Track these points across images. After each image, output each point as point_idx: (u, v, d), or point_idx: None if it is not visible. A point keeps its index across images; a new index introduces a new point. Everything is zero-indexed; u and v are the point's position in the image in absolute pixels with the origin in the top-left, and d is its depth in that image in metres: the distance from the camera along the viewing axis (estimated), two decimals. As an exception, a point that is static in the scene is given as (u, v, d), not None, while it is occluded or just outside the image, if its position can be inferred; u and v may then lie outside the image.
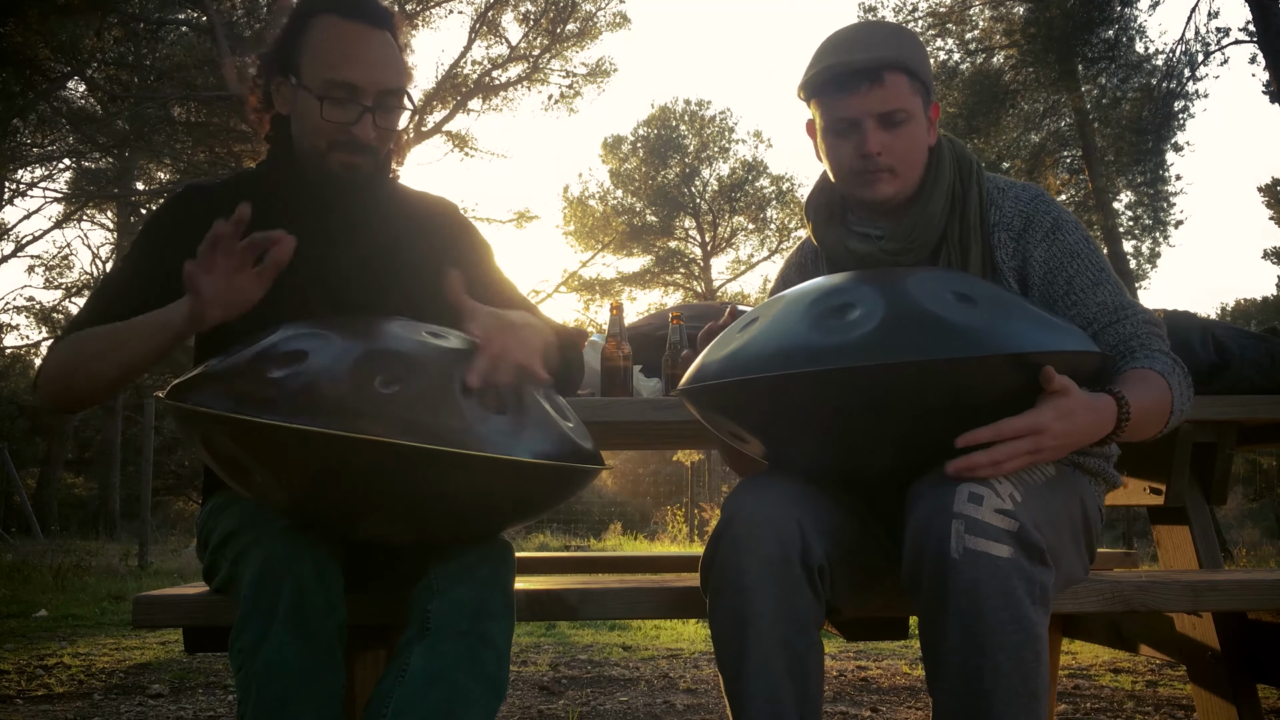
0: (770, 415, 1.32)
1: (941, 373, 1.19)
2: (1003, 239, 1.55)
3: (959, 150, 1.61)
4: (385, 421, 1.12)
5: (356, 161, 1.51)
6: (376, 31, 1.51)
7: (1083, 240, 1.54)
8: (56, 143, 18.77)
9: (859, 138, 1.50)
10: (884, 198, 1.53)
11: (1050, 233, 1.53)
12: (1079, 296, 1.50)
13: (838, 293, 1.32)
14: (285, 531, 1.27)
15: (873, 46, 1.48)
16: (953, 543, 1.20)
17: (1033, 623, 1.20)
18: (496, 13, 17.81)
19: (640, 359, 2.34)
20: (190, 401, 1.17)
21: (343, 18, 1.49)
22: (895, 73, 1.48)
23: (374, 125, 1.50)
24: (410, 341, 1.25)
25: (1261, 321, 28.69)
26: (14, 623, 4.91)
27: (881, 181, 1.52)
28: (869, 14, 18.58)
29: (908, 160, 1.52)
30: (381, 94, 1.50)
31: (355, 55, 1.48)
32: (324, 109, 1.48)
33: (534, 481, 1.23)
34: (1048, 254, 1.53)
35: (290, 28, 1.53)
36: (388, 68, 1.50)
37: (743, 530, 1.33)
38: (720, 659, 1.34)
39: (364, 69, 1.48)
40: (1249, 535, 18.83)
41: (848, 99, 1.49)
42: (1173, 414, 1.42)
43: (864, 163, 1.51)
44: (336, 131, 1.49)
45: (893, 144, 1.50)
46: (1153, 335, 1.47)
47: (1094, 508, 1.54)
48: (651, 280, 27.95)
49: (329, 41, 1.49)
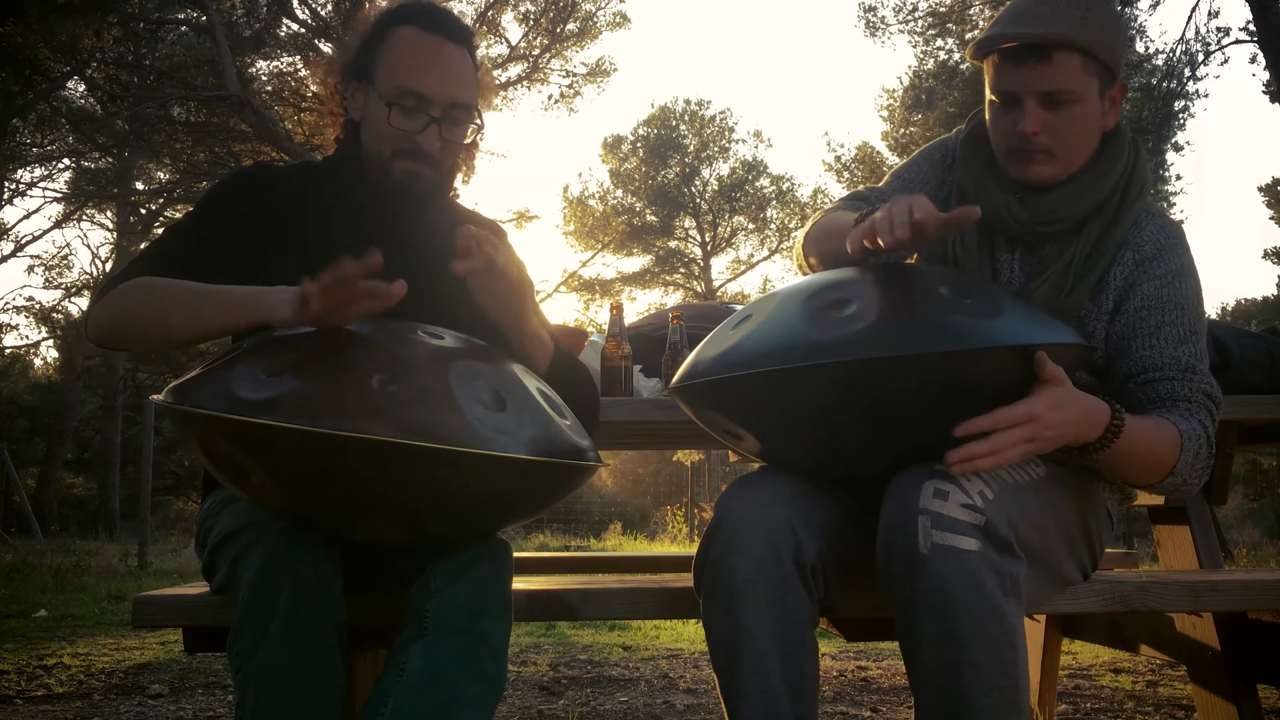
0: (765, 411, 1.32)
1: (936, 366, 1.19)
2: (1127, 257, 1.51)
3: (1142, 161, 1.55)
4: (383, 420, 1.12)
5: (418, 170, 1.54)
6: (453, 46, 1.54)
7: (1194, 298, 1.51)
8: (56, 142, 18.76)
9: (1019, 114, 1.45)
10: (1037, 179, 1.49)
11: (1170, 275, 1.49)
12: (1160, 345, 1.47)
13: (832, 288, 1.32)
14: (284, 532, 1.27)
15: (1049, 20, 1.41)
16: (920, 539, 1.21)
17: (1005, 614, 1.20)
18: (496, 12, 17.80)
19: (640, 359, 2.34)
20: (187, 403, 1.17)
21: (422, 30, 1.53)
22: (1067, 52, 1.41)
23: (439, 136, 1.52)
24: (407, 341, 1.25)
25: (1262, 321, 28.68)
26: (14, 623, 4.91)
27: (1037, 163, 1.48)
28: (869, 13, 18.59)
29: (1069, 143, 1.47)
30: (450, 107, 1.53)
31: (428, 66, 1.51)
32: (392, 115, 1.50)
33: (532, 479, 1.23)
34: (1156, 292, 1.49)
35: (370, 35, 1.56)
36: (459, 82, 1.53)
37: (734, 530, 1.33)
38: (715, 660, 1.34)
39: (435, 80, 1.51)
40: (1249, 535, 18.83)
41: (1013, 72, 1.44)
42: (1173, 473, 1.40)
43: (1020, 141, 1.46)
44: (402, 139, 1.51)
45: (1054, 124, 1.45)
46: (1203, 407, 1.45)
47: (1098, 513, 1.52)
48: (651, 280, 27.96)
49: (405, 51, 1.52)
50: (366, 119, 1.56)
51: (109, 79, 14.91)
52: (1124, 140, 1.55)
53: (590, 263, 27.39)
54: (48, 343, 24.94)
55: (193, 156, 15.86)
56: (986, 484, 1.26)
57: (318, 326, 1.32)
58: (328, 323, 1.29)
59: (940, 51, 18.25)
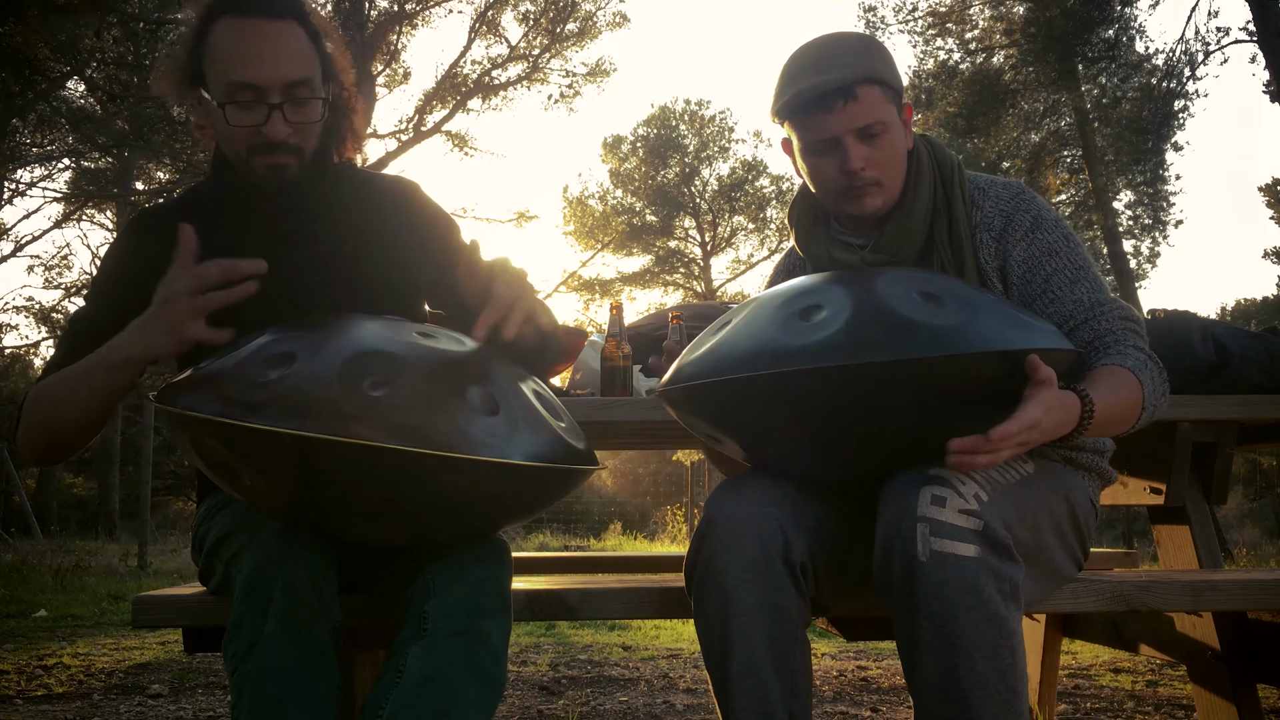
0: (741, 417, 1.32)
1: (905, 372, 1.19)
2: (985, 239, 1.54)
3: (938, 152, 1.59)
4: (374, 424, 1.11)
5: (280, 161, 1.45)
6: (276, 23, 1.43)
7: (1062, 238, 1.52)
8: (56, 142, 18.77)
9: (841, 155, 1.48)
10: (873, 211, 1.52)
11: (1029, 231, 1.52)
12: (1056, 294, 1.49)
13: (806, 294, 1.32)
14: (278, 533, 1.27)
15: (840, 63, 1.46)
16: (919, 546, 1.21)
17: (1005, 619, 1.20)
18: (496, 12, 17.81)
19: (640, 359, 2.34)
20: (179, 405, 1.17)
21: (238, 16, 1.43)
22: (867, 85, 1.46)
23: (285, 121, 1.43)
24: (399, 343, 1.24)
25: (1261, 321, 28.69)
26: (13, 623, 4.91)
27: (869, 195, 1.51)
28: (869, 13, 18.59)
29: (891, 170, 1.51)
30: (288, 87, 1.43)
31: (252, 53, 1.41)
32: (229, 114, 1.42)
33: (526, 483, 1.22)
34: (1026, 253, 1.52)
35: (193, 38, 1.46)
36: (289, 59, 1.43)
37: (723, 531, 1.34)
38: (708, 660, 1.35)
39: (262, 65, 1.41)
40: (1249, 535, 18.82)
41: (824, 118, 1.47)
42: (1144, 410, 1.41)
43: (849, 179, 1.49)
44: (249, 135, 1.43)
45: (875, 156, 1.48)
46: (1128, 331, 1.46)
47: (1085, 503, 1.53)
48: (651, 280, 27.95)
49: (226, 45, 1.43)
50: (214, 125, 1.48)
51: (109, 79, 14.91)
52: (917, 144, 1.57)
53: (590, 263, 27.42)
54: (47, 343, 24.92)
55: (192, 156, 15.84)
56: (981, 486, 1.27)
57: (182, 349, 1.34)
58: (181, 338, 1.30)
59: (940, 51, 18.25)
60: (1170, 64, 15.94)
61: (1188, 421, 2.04)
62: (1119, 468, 1.66)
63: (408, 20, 16.58)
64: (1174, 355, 1.91)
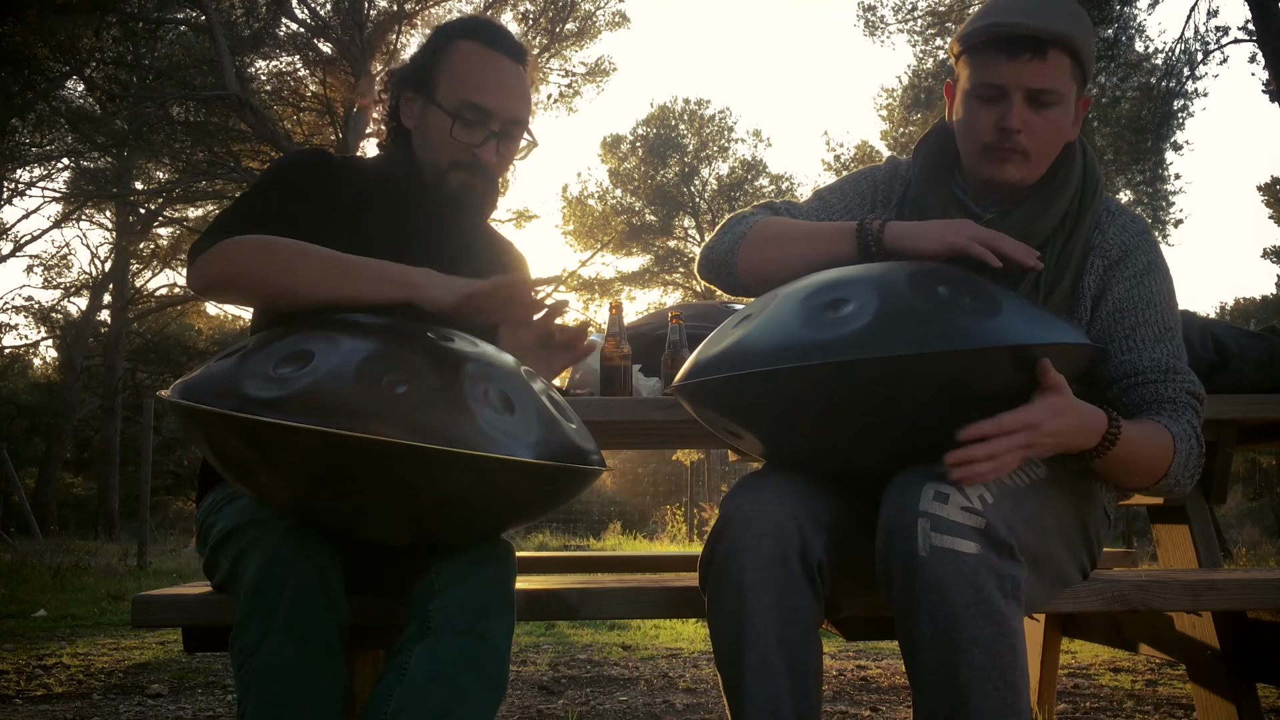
0: (764, 411, 1.32)
1: (934, 366, 1.19)
2: (1095, 264, 1.51)
3: (1091, 166, 1.54)
4: (392, 422, 1.11)
5: (474, 183, 1.57)
6: (512, 64, 1.58)
7: (1166, 293, 1.51)
8: (55, 142, 18.77)
9: (1004, 109, 1.41)
10: (1009, 181, 1.47)
11: (1140, 274, 1.50)
12: (1138, 346, 1.47)
13: (830, 288, 1.32)
14: (287, 531, 1.27)
15: (1045, 16, 1.39)
16: (920, 541, 1.21)
17: (1005, 616, 1.20)
18: (495, 12, 17.80)
19: (639, 358, 2.34)
20: (194, 400, 1.17)
21: (484, 45, 1.57)
22: (1060, 51, 1.40)
23: (496, 151, 1.57)
24: (417, 342, 1.25)
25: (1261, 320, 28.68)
26: (13, 622, 4.91)
27: (1012, 163, 1.45)
28: (868, 12, 18.59)
29: (1045, 146, 1.45)
30: (509, 123, 1.57)
31: (492, 82, 1.55)
32: (455, 128, 1.54)
33: (539, 482, 1.23)
34: (1128, 293, 1.49)
35: (430, 47, 1.59)
36: (518, 99, 1.57)
37: (740, 529, 1.33)
38: (719, 658, 1.34)
39: (498, 96, 1.55)
40: (1248, 534, 18.84)
41: (1003, 64, 1.40)
42: (1166, 476, 1.41)
43: (1000, 137, 1.43)
44: (461, 151, 1.55)
45: (1036, 124, 1.43)
46: (1189, 407, 1.46)
47: (1096, 513, 1.52)
48: (651, 280, 27.94)
49: (469, 66, 1.56)
50: (424, 129, 1.58)
51: (108, 78, 14.91)
52: (1075, 144, 1.54)
53: (589, 262, 27.39)
54: (47, 343, 24.94)
55: (192, 156, 15.86)
56: (987, 487, 1.26)
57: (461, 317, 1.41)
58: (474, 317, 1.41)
59: (939, 51, 18.24)
60: (1170, 63, 15.95)
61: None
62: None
63: (407, 20, 16.57)
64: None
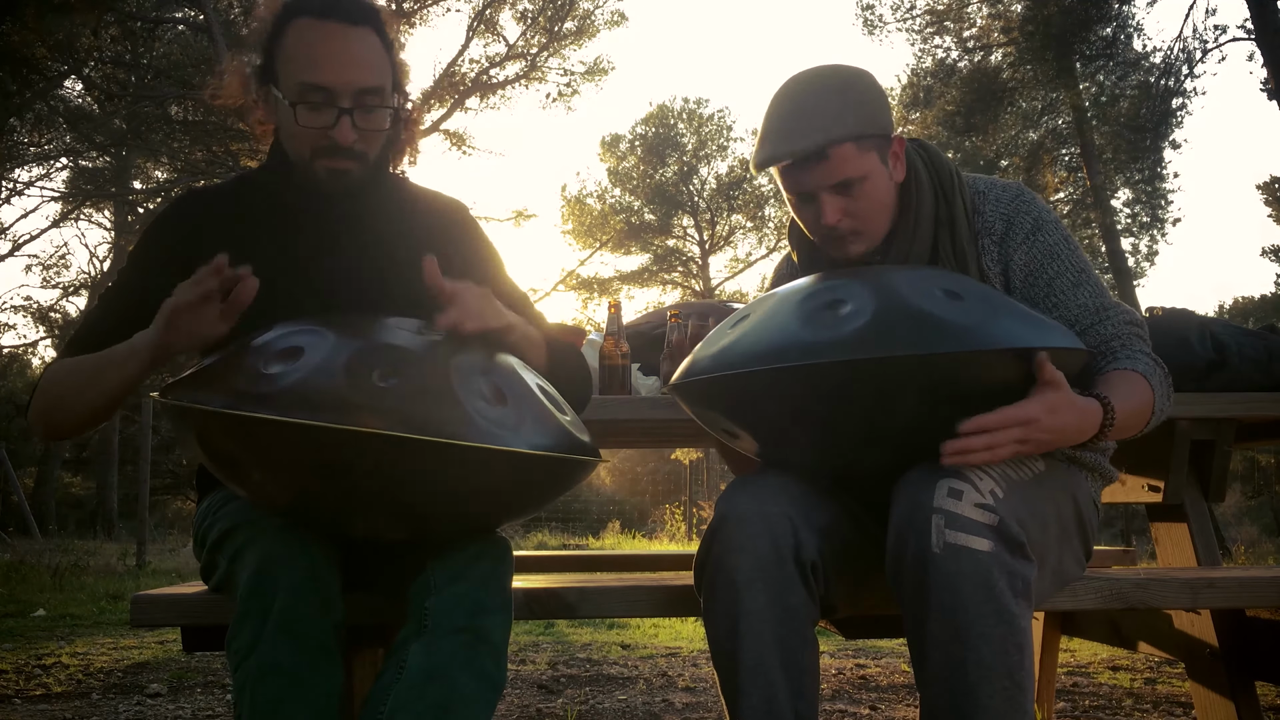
0: (762, 411, 1.32)
1: (932, 368, 1.19)
2: (986, 245, 1.54)
3: (935, 161, 1.57)
4: (383, 414, 1.11)
5: (343, 167, 1.47)
6: (353, 29, 1.44)
7: (1062, 240, 1.53)
8: (53, 141, 18.75)
9: (816, 208, 1.49)
10: (857, 256, 1.53)
11: (1030, 234, 1.52)
12: (1060, 298, 1.50)
13: (828, 289, 1.32)
14: (282, 530, 1.27)
15: (813, 125, 1.44)
16: (933, 538, 1.21)
17: (1015, 615, 1.21)
18: (494, 11, 17.80)
19: (638, 357, 2.34)
20: (185, 399, 1.17)
21: (317, 19, 1.44)
22: (840, 145, 1.45)
23: (354, 127, 1.44)
24: (406, 335, 1.25)
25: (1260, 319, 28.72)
26: (12, 622, 4.90)
27: (850, 243, 1.52)
28: (866, 11, 18.60)
29: (870, 218, 1.51)
30: (360, 93, 1.44)
31: (328, 56, 1.42)
32: (299, 114, 1.43)
33: (532, 473, 1.23)
34: (1028, 256, 1.52)
35: (268, 34, 1.48)
36: (364, 67, 1.44)
37: (735, 529, 1.33)
38: (715, 658, 1.35)
39: (337, 70, 1.42)
40: (1247, 533, 18.83)
41: (798, 175, 1.48)
42: (1154, 414, 1.43)
43: (828, 231, 1.50)
44: (316, 137, 1.44)
45: (852, 207, 1.49)
46: (1134, 336, 1.48)
47: (1088, 503, 1.54)
48: (650, 279, 27.94)
49: (302, 45, 1.44)
50: (280, 123, 1.50)
51: (106, 78, 14.90)
52: (914, 161, 1.56)
53: (588, 261, 27.40)
54: (45, 342, 24.93)
55: (190, 155, 15.83)
56: (996, 482, 1.27)
57: (195, 347, 1.34)
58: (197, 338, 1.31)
59: (938, 50, 18.26)
60: (1168, 62, 15.95)
61: (1186, 419, 2.04)
62: (1117, 465, 1.66)
63: (405, 19, 16.56)
64: (1172, 353, 1.91)
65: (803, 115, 1.46)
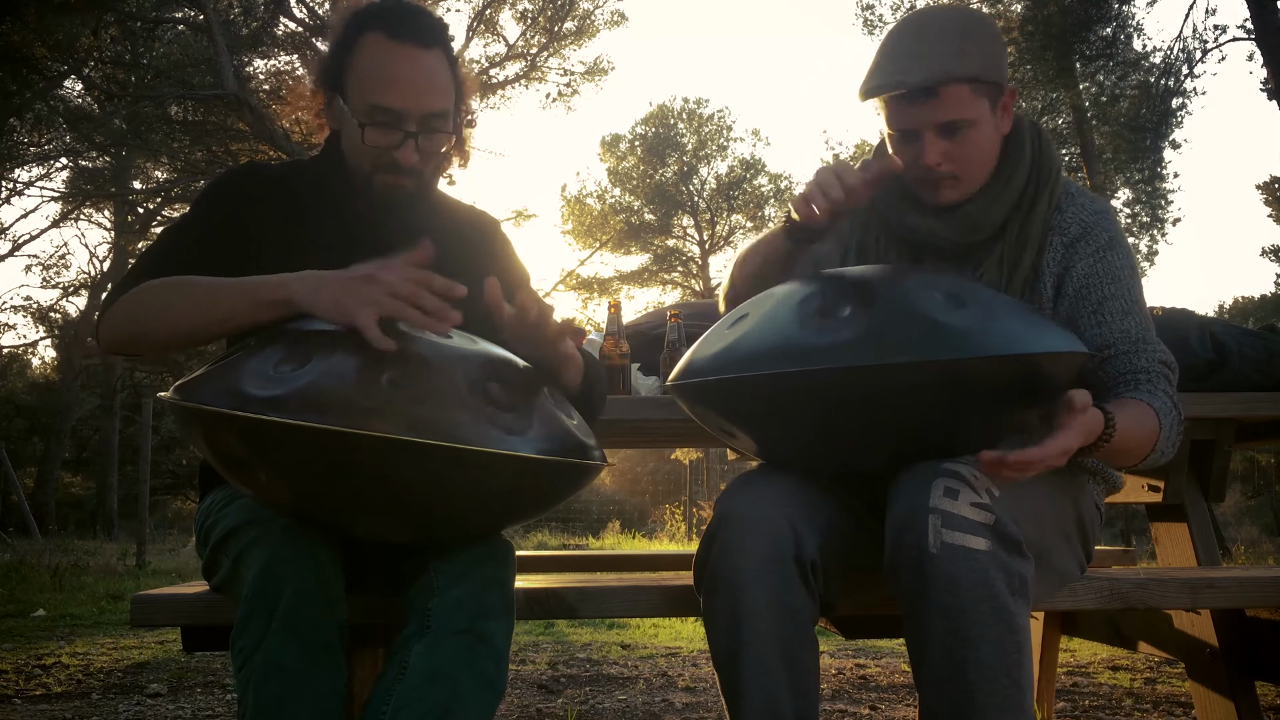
0: (760, 413, 1.32)
1: (932, 373, 1.19)
2: (1055, 243, 1.54)
3: (1045, 150, 1.56)
4: (392, 418, 1.12)
5: (401, 183, 1.50)
6: (425, 52, 1.46)
7: (1128, 268, 1.53)
8: (53, 142, 18.73)
9: (918, 147, 1.48)
10: (949, 201, 1.52)
11: (1101, 250, 1.52)
12: (1105, 319, 1.49)
13: (828, 291, 1.32)
14: (287, 530, 1.27)
15: (927, 58, 1.42)
16: (930, 537, 1.22)
17: (1013, 614, 1.21)
18: (494, 11, 17.78)
19: (638, 357, 2.34)
20: (194, 400, 1.17)
21: (389, 38, 1.45)
22: (953, 85, 1.43)
23: (417, 149, 1.47)
24: (416, 340, 1.25)
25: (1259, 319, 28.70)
26: (12, 622, 4.90)
27: (945, 188, 1.51)
28: (866, 11, 18.59)
29: (971, 165, 1.50)
30: (426, 117, 1.46)
31: (399, 79, 1.44)
32: (366, 134, 1.45)
33: (540, 478, 1.23)
34: (1090, 269, 1.51)
35: (339, 43, 1.49)
36: (433, 92, 1.46)
37: (735, 528, 1.33)
38: (716, 658, 1.35)
39: (408, 94, 1.44)
40: (1247, 533, 18.82)
41: (905, 109, 1.46)
42: (1153, 451, 1.44)
43: (925, 171, 1.49)
44: (380, 155, 1.47)
45: (954, 151, 1.48)
46: (1163, 375, 1.48)
47: (1090, 507, 1.54)
48: (649, 279, 27.95)
49: (373, 64, 1.45)
50: (344, 133, 1.52)
51: (106, 78, 14.89)
52: (1023, 133, 1.56)
53: (588, 261, 27.39)
54: (45, 342, 24.93)
55: (190, 155, 15.82)
56: (993, 482, 1.27)
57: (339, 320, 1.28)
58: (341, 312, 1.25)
59: (938, 49, 18.22)
60: (1168, 62, 15.95)
61: (1186, 419, 2.04)
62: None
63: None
64: (1171, 353, 1.91)
65: (922, 48, 1.44)
